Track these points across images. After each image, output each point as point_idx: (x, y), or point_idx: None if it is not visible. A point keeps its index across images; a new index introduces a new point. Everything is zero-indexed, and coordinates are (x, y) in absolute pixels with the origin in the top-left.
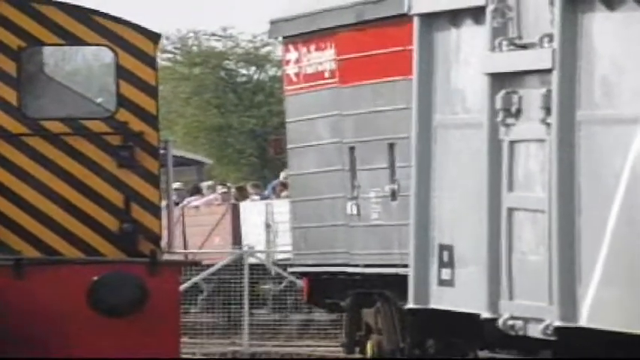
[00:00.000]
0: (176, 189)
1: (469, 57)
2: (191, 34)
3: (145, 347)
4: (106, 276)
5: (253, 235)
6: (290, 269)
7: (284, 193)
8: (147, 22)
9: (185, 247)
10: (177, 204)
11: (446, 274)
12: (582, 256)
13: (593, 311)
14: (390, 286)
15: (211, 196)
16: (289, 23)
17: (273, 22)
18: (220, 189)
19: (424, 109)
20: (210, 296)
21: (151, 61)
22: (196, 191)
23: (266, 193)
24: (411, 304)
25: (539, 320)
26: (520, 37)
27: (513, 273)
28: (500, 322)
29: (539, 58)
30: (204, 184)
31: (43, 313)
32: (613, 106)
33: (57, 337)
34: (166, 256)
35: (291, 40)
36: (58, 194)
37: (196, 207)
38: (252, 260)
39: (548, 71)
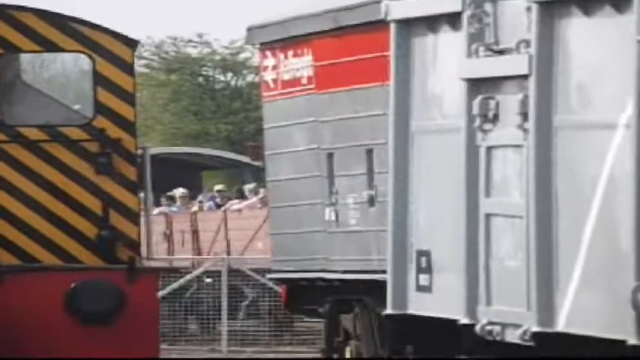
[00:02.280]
0: (219, 191)
1: (446, 63)
2: (168, 41)
3: (124, 354)
4: (84, 283)
5: None
6: (268, 275)
7: None
8: (124, 29)
9: (228, 252)
10: (219, 206)
11: (424, 279)
12: (560, 262)
13: (571, 316)
14: (368, 292)
15: (254, 199)
16: (266, 29)
17: (249, 29)
18: (262, 192)
19: (401, 115)
20: (192, 303)
21: (128, 68)
22: (240, 194)
23: None
24: (389, 310)
25: (517, 326)
26: (497, 43)
27: (491, 279)
28: (478, 327)
29: (516, 63)
30: (247, 187)
31: (21, 320)
32: (590, 111)
33: (35, 343)
34: (147, 263)
35: (268, 46)
36: (35, 201)
37: (239, 210)
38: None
39: (525, 77)
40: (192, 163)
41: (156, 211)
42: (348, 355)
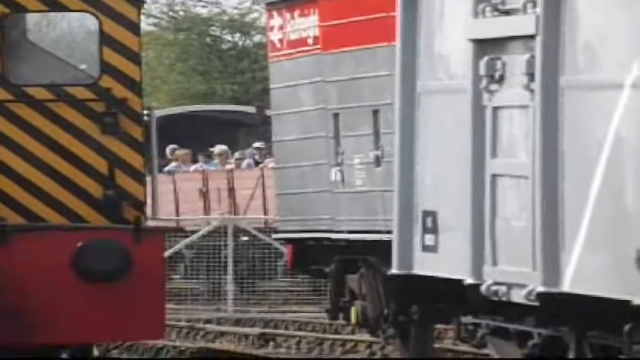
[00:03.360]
0: (257, 148)
1: (452, 23)
2: (178, 0)
3: (131, 313)
4: (90, 242)
5: None
6: (274, 235)
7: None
8: None
9: (265, 212)
10: (257, 164)
11: (429, 240)
12: (565, 222)
13: (576, 277)
14: (374, 252)
15: None
16: None
17: None
18: None
19: (407, 75)
20: (195, 263)
21: (134, 28)
22: None
23: None
24: (394, 270)
25: (523, 286)
26: (503, 3)
27: (497, 239)
28: (483, 287)
29: (523, 24)
30: None
31: (27, 279)
32: (596, 71)
33: (41, 302)
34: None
35: (274, 6)
36: (41, 161)
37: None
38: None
39: (532, 37)
40: (230, 120)
41: (192, 168)
42: (353, 315)
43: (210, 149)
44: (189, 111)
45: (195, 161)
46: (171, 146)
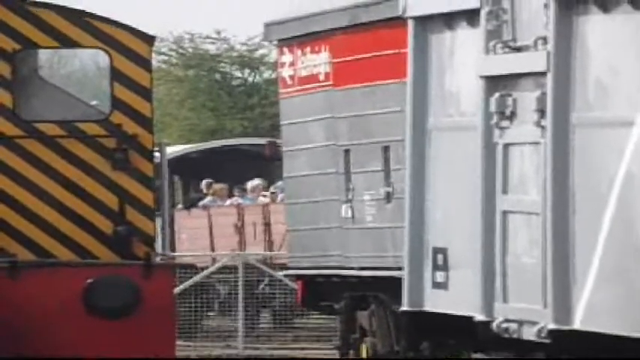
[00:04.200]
0: None
1: (463, 60)
2: (186, 36)
3: (141, 349)
4: (100, 278)
5: None
6: (285, 272)
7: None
8: (142, 25)
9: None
10: None
11: (440, 276)
12: (576, 259)
13: (588, 314)
14: (384, 288)
15: None
16: (283, 26)
17: (267, 25)
18: None
19: (418, 111)
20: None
21: (145, 64)
22: None
23: None
24: (405, 307)
25: (534, 323)
26: (514, 40)
27: (508, 276)
28: (494, 324)
29: (534, 60)
30: None
31: (38, 315)
32: (607, 108)
33: (52, 339)
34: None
35: (285, 42)
36: (52, 197)
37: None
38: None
39: (543, 74)
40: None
41: (227, 202)
42: (364, 352)
43: (246, 183)
44: (222, 145)
45: (231, 196)
46: (207, 180)
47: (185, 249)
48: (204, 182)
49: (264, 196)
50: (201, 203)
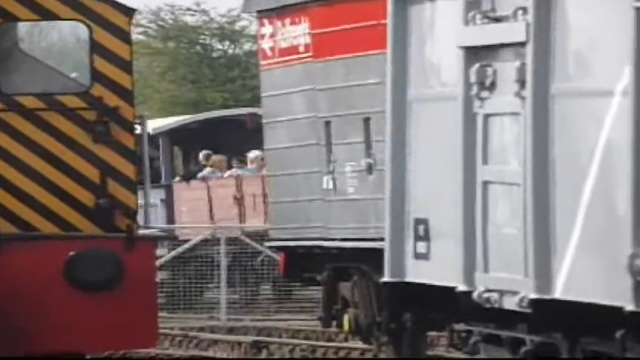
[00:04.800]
0: None
1: (443, 31)
2: (166, 9)
3: (123, 321)
4: (82, 251)
5: None
6: (267, 243)
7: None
8: None
9: None
10: None
11: (421, 247)
12: (557, 229)
13: (568, 283)
14: (366, 260)
15: None
16: None
17: None
18: None
19: (399, 83)
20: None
21: (125, 36)
22: None
23: None
24: (386, 278)
25: (515, 293)
26: (494, 10)
27: (489, 246)
28: (475, 294)
29: (513, 31)
30: None
31: (20, 288)
32: (587, 78)
33: (34, 311)
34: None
35: (265, 14)
36: (34, 170)
37: None
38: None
39: (523, 44)
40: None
41: (227, 173)
42: (346, 323)
43: (246, 154)
44: (223, 116)
45: (230, 167)
46: (205, 152)
47: (185, 221)
48: (202, 154)
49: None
50: (200, 175)
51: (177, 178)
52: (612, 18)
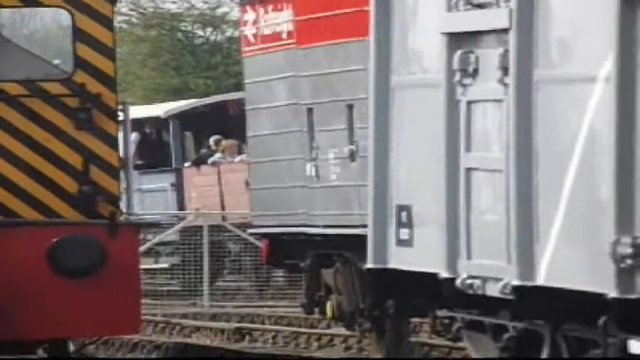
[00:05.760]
0: None
1: (426, 17)
2: None
3: (106, 308)
4: (65, 238)
5: None
6: (249, 230)
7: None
8: None
9: None
10: None
11: (404, 234)
12: (540, 216)
13: (551, 270)
14: (349, 246)
15: None
16: None
17: None
18: None
19: (381, 69)
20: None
21: (108, 23)
22: None
23: None
24: (369, 265)
25: (498, 279)
26: None
27: (471, 233)
28: (458, 281)
29: (496, 17)
30: None
31: (3, 275)
32: (570, 65)
33: (16, 298)
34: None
35: (248, 1)
36: (16, 156)
37: None
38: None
39: (505, 31)
40: None
41: (237, 158)
42: (329, 310)
43: None
44: (234, 99)
45: (241, 152)
46: (215, 137)
47: (195, 207)
48: (212, 139)
49: None
50: (210, 160)
51: (188, 163)
52: (595, 4)
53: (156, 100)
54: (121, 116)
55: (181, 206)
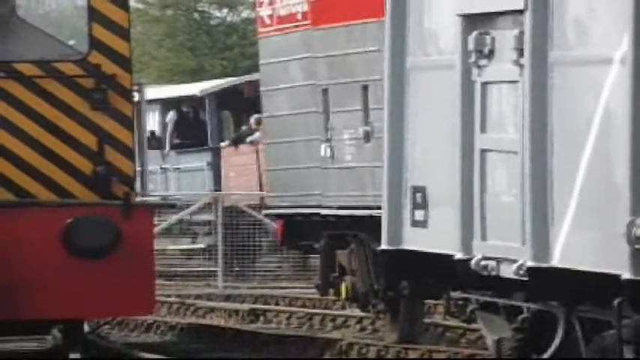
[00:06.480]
0: None
1: None
2: None
3: (121, 288)
4: (80, 218)
5: None
6: (264, 211)
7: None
8: None
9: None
10: None
11: (419, 215)
12: (555, 197)
13: (566, 251)
14: (363, 227)
15: None
16: None
17: None
18: None
19: (397, 51)
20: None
21: (123, 3)
22: None
23: None
24: (384, 246)
25: (512, 261)
26: None
27: (486, 214)
28: (473, 262)
29: None
30: None
31: (17, 255)
32: (586, 46)
33: (31, 278)
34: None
35: None
36: (31, 137)
37: None
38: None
39: (521, 12)
40: None
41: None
42: (343, 290)
43: None
44: None
45: None
46: (257, 116)
47: (233, 186)
48: (253, 117)
49: None
50: (249, 139)
51: (226, 142)
52: None
53: (172, 81)
54: (136, 97)
55: (218, 186)
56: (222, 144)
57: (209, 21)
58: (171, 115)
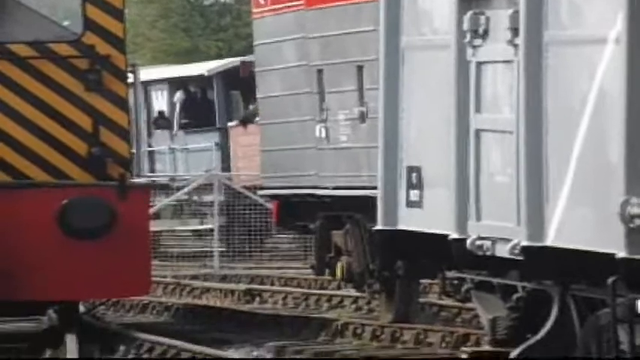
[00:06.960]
0: None
1: None
2: None
3: (116, 269)
4: (75, 199)
5: None
6: (259, 192)
7: None
8: None
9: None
10: None
11: (414, 195)
12: (549, 177)
13: (560, 230)
14: (359, 208)
15: None
16: None
17: None
18: None
19: (391, 31)
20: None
21: None
22: None
23: None
24: (379, 226)
25: (507, 240)
26: None
27: (481, 194)
28: (468, 242)
29: None
30: None
31: (12, 236)
32: (580, 26)
33: (27, 259)
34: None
35: None
36: (26, 118)
37: None
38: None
39: None
40: None
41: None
42: (339, 271)
43: None
44: None
45: None
46: None
47: (241, 167)
48: None
49: None
50: (257, 119)
51: (234, 122)
52: None
53: (166, 62)
54: (130, 78)
55: (227, 166)
56: (231, 124)
57: (203, 1)
58: (178, 95)
